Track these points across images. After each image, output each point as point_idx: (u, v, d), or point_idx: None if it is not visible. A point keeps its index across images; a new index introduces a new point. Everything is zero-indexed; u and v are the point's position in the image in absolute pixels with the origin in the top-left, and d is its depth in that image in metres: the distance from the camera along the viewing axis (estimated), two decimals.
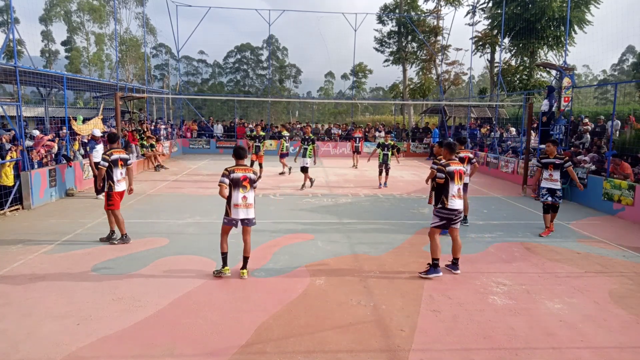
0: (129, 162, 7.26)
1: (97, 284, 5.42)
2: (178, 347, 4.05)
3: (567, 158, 8.04)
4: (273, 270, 6.00)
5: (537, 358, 3.99)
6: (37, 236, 7.40)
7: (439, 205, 5.89)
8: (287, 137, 16.05)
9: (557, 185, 7.92)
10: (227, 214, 5.61)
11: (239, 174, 5.51)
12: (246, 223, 5.65)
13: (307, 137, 12.53)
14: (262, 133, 14.04)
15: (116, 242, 7.00)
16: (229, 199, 5.56)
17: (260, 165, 13.74)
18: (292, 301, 5.05)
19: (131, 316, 4.61)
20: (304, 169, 12.40)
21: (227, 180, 5.47)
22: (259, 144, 13.68)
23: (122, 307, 4.80)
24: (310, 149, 12.35)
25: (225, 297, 5.10)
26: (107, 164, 6.93)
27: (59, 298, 5.00)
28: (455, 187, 5.83)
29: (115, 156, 7.02)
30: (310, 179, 12.72)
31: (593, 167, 11.24)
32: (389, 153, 12.68)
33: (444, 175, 5.83)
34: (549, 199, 7.97)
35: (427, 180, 7.61)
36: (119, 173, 7.02)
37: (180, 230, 7.92)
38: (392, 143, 12.73)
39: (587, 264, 6.55)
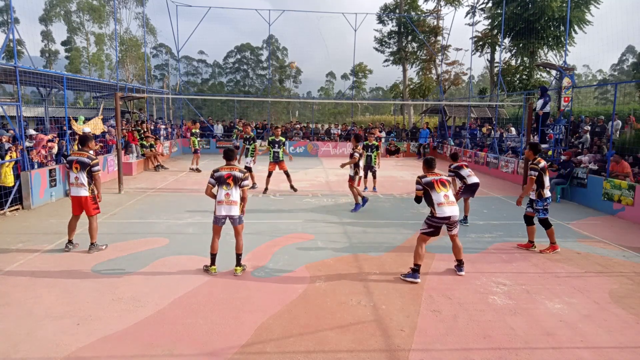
0: (94, 169, 6.57)
1: (97, 284, 5.42)
2: (178, 347, 4.05)
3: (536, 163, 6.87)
4: (273, 270, 6.00)
5: (537, 358, 3.99)
6: (37, 236, 7.40)
7: (429, 214, 5.80)
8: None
9: (533, 195, 7.02)
10: (214, 212, 5.77)
11: (223, 172, 5.72)
12: (232, 221, 5.73)
13: (247, 136, 12.59)
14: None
15: (103, 248, 6.75)
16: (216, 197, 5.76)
17: (287, 174, 11.73)
18: (292, 301, 5.05)
19: (131, 316, 4.61)
20: (248, 169, 12.00)
21: (212, 180, 5.75)
22: (278, 150, 11.47)
23: (122, 307, 4.80)
24: (252, 148, 12.23)
25: (225, 297, 5.10)
26: (66, 164, 6.62)
27: (59, 298, 5.00)
28: (440, 195, 5.64)
29: (70, 157, 6.63)
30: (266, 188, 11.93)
31: (595, 167, 11.25)
32: (373, 154, 11.82)
33: (421, 187, 5.74)
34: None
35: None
36: (73, 177, 6.58)
37: (180, 230, 7.92)
38: (377, 144, 12.10)
39: (587, 264, 6.55)
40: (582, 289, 5.57)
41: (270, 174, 11.56)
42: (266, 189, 11.69)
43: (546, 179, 6.90)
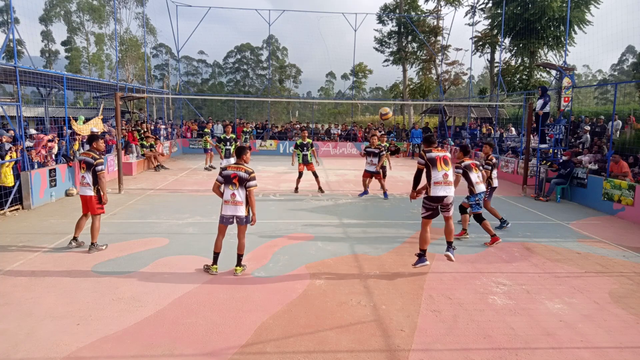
0: (97, 168, 6.59)
1: (97, 284, 5.42)
2: (178, 347, 4.05)
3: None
4: (273, 270, 6.00)
5: (537, 358, 3.99)
6: (37, 236, 7.40)
7: (425, 195, 5.90)
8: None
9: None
10: (220, 211, 5.74)
11: (230, 172, 5.63)
12: (238, 221, 5.70)
13: (226, 137, 13.12)
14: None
15: (103, 248, 6.74)
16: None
17: (315, 174, 11.75)
18: (292, 301, 5.05)
19: (131, 316, 4.61)
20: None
21: (220, 178, 5.67)
22: (307, 152, 11.57)
23: (122, 307, 4.80)
24: (234, 149, 12.40)
25: (225, 297, 5.10)
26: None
27: (59, 298, 5.00)
28: (439, 174, 5.73)
29: (79, 157, 6.85)
30: None
31: (595, 167, 11.25)
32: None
33: (423, 161, 5.80)
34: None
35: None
36: (80, 176, 6.74)
37: (180, 230, 7.92)
38: (387, 144, 12.02)
39: (587, 264, 6.55)
40: (582, 289, 5.57)
41: (300, 174, 11.85)
42: (296, 188, 11.91)
43: (472, 176, 7.26)
